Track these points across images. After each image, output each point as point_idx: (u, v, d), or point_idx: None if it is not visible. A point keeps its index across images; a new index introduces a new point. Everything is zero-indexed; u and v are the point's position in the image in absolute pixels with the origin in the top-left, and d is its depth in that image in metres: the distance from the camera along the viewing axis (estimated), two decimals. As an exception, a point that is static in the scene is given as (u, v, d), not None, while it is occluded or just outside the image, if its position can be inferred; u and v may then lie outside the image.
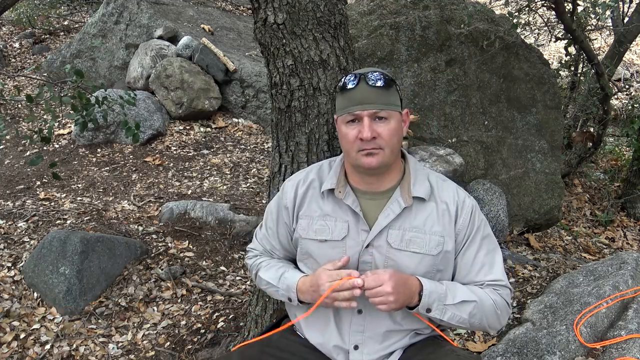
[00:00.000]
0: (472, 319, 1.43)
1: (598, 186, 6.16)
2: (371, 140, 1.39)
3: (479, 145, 3.74)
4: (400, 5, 3.81)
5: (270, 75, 2.05)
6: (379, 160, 1.41)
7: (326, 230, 1.50)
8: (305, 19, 1.94)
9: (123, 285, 2.96)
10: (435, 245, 1.45)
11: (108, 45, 6.37)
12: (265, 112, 5.52)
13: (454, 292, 1.43)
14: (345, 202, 1.49)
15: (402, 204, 1.46)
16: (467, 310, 1.42)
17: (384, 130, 1.41)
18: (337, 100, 1.49)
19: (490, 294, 1.47)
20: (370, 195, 1.50)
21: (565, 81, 5.34)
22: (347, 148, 1.46)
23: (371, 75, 1.42)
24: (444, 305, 1.41)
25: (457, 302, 1.41)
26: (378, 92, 1.41)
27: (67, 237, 2.86)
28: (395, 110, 1.44)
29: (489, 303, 1.45)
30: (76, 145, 4.87)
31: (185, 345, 2.59)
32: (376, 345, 1.48)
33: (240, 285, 3.04)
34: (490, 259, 1.49)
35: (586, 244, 4.84)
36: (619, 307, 2.37)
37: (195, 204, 3.69)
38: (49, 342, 2.57)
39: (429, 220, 1.47)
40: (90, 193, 4.00)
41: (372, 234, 1.46)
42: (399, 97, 1.48)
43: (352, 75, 1.44)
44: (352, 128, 1.42)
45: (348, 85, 1.43)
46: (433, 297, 1.40)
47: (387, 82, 1.42)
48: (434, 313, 1.40)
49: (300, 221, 1.54)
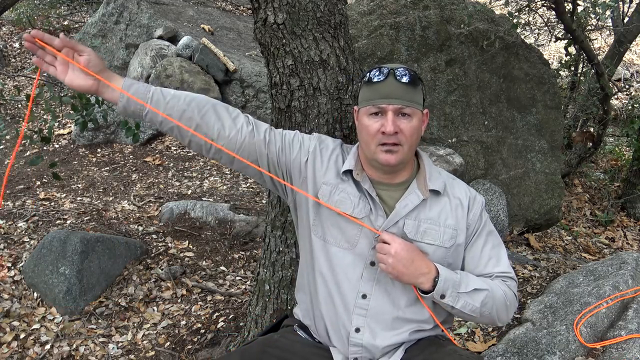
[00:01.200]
0: (483, 307, 1.44)
1: (598, 186, 6.16)
2: (393, 135, 1.40)
3: (479, 145, 3.74)
4: (400, 5, 3.82)
5: (270, 75, 2.05)
6: (398, 158, 1.43)
7: (347, 202, 1.49)
8: (305, 19, 1.93)
9: (123, 285, 2.96)
10: (449, 238, 1.48)
11: (108, 45, 6.37)
12: (266, 112, 5.52)
13: (467, 280, 1.44)
14: (363, 186, 1.49)
15: (421, 196, 1.48)
16: (479, 298, 1.43)
17: (406, 127, 1.41)
18: (361, 91, 1.49)
19: (500, 285, 1.49)
20: (384, 185, 1.51)
21: (566, 81, 5.33)
22: (367, 140, 1.46)
23: (400, 70, 1.43)
24: (457, 293, 1.41)
25: (470, 290, 1.42)
26: (404, 88, 1.42)
27: (67, 237, 2.86)
28: (418, 109, 1.45)
29: (499, 294, 1.47)
30: (76, 145, 4.87)
31: (185, 345, 2.59)
32: (377, 331, 1.47)
33: (240, 285, 3.04)
34: (496, 252, 1.52)
35: (586, 244, 4.84)
36: (619, 307, 2.37)
37: (195, 204, 3.69)
38: (49, 342, 2.57)
39: (442, 213, 1.49)
40: (90, 193, 4.00)
41: (389, 221, 1.46)
42: (423, 96, 1.49)
43: (381, 69, 1.44)
44: (375, 121, 1.43)
45: (375, 78, 1.44)
46: (448, 283, 1.41)
47: (414, 79, 1.43)
48: (448, 300, 1.41)
49: (323, 186, 1.52)
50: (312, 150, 1.56)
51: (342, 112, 2.01)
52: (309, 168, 1.55)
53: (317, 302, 1.54)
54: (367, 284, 1.47)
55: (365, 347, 1.48)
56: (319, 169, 1.54)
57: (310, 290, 1.57)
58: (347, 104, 2.01)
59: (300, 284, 1.64)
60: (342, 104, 2.00)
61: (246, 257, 3.31)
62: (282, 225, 2.12)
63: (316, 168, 1.54)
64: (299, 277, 1.66)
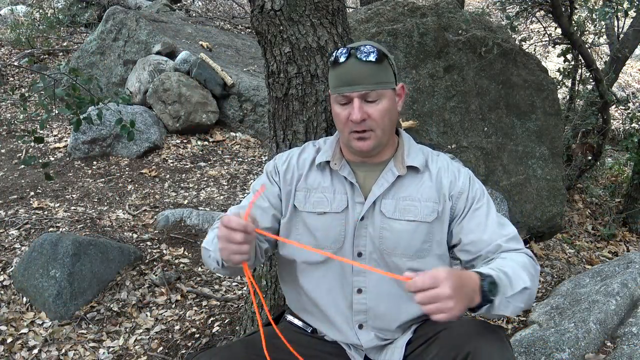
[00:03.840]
0: (528, 303, 1.29)
1: (599, 202, 6.11)
2: (361, 122, 1.37)
3: (479, 151, 3.70)
4: (397, 13, 3.82)
5: (267, 64, 2.01)
6: (371, 144, 1.40)
7: (324, 201, 1.45)
8: (303, 5, 1.91)
9: (115, 291, 2.86)
10: (430, 212, 1.42)
11: (106, 62, 6.38)
12: (263, 125, 5.49)
13: (509, 278, 1.25)
14: (342, 174, 1.45)
15: (396, 173, 1.43)
16: (524, 297, 1.27)
17: (374, 112, 1.37)
18: (329, 75, 1.45)
19: (524, 260, 1.33)
20: (366, 167, 1.47)
21: (565, 90, 5.33)
22: (340, 128, 1.43)
23: (363, 48, 1.37)
24: (506, 299, 1.22)
25: (518, 291, 1.24)
26: (369, 69, 1.36)
27: (58, 240, 2.79)
28: (387, 89, 1.39)
29: (532, 275, 1.30)
30: (72, 158, 4.82)
31: (179, 350, 2.49)
32: (381, 324, 1.44)
33: (236, 290, 2.95)
34: (500, 218, 1.44)
35: (589, 257, 4.76)
36: (629, 304, 2.29)
37: (191, 212, 3.62)
38: (37, 347, 2.48)
39: (422, 189, 1.44)
40: (85, 203, 3.93)
41: (366, 205, 1.42)
42: (393, 71, 1.43)
43: (343, 49, 1.39)
44: (343, 109, 1.39)
45: (339, 58, 1.38)
46: (497, 290, 1.21)
47: (379, 56, 1.37)
48: (498, 310, 1.22)
49: (297, 194, 1.49)
50: (278, 178, 1.53)
51: (341, 99, 1.97)
52: (282, 190, 1.51)
53: (307, 294, 1.51)
54: (359, 279, 1.44)
55: (369, 312, 1.44)
56: (289, 182, 1.50)
57: (297, 284, 1.53)
58: (346, 91, 1.98)
59: (282, 276, 1.61)
60: (340, 91, 1.97)
61: (243, 264, 3.22)
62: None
63: (287, 183, 1.51)
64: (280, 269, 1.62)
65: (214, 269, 1.45)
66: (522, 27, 4.50)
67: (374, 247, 1.43)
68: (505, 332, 1.33)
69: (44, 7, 9.40)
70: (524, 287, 1.25)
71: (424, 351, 1.35)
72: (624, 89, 10.05)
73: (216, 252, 1.33)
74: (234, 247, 1.21)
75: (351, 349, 1.49)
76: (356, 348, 1.49)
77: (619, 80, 7.93)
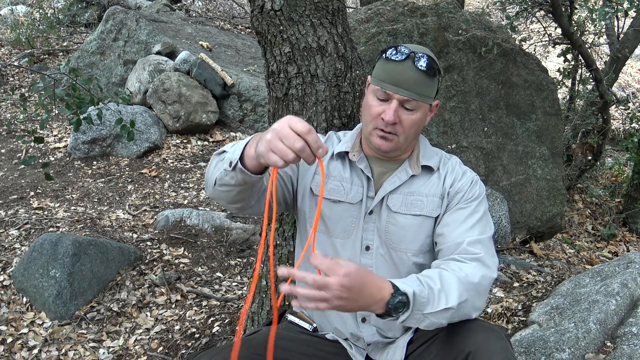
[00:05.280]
0: (453, 319, 1.27)
1: (599, 202, 6.11)
2: (391, 124, 1.38)
3: (479, 151, 3.70)
4: (397, 13, 3.82)
5: (267, 64, 2.01)
6: (391, 146, 1.42)
7: (341, 190, 1.47)
8: (303, 5, 1.91)
9: (115, 291, 2.86)
10: (436, 207, 1.44)
11: (106, 62, 6.37)
12: (263, 125, 5.49)
13: (433, 295, 1.23)
14: (359, 166, 1.48)
15: (410, 172, 1.46)
16: (445, 316, 1.24)
17: (406, 119, 1.39)
18: (377, 65, 1.44)
19: (468, 271, 1.29)
20: (382, 163, 1.50)
21: (565, 90, 5.33)
22: (367, 119, 1.44)
23: (422, 56, 1.36)
24: (423, 314, 1.21)
25: (438, 310, 1.23)
26: (419, 78, 1.36)
27: (58, 240, 2.78)
28: (426, 102, 1.41)
29: (471, 287, 1.28)
30: (72, 158, 4.82)
31: (179, 350, 2.49)
32: (383, 320, 1.42)
33: (236, 290, 2.96)
34: (483, 223, 1.40)
35: (589, 257, 4.76)
36: (629, 304, 2.29)
37: (191, 212, 3.62)
38: (37, 347, 2.47)
39: (430, 185, 1.47)
40: (85, 203, 3.93)
41: (376, 199, 1.45)
42: (437, 88, 1.45)
43: (404, 48, 1.38)
44: (378, 104, 1.40)
45: (395, 57, 1.37)
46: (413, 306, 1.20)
47: (432, 68, 1.37)
48: (409, 323, 1.23)
49: (316, 176, 1.50)
50: None
51: (341, 99, 1.97)
52: (300, 167, 1.53)
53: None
54: None
55: None
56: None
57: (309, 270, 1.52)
58: (346, 91, 1.98)
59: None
60: (340, 92, 1.97)
61: (243, 264, 3.23)
62: (279, 218, 2.05)
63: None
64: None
65: (218, 174, 1.26)
66: (522, 27, 4.49)
67: (381, 241, 1.45)
68: (506, 332, 1.34)
69: (44, 7, 9.40)
70: (446, 308, 1.22)
71: (425, 351, 1.35)
72: (624, 89, 10.06)
73: (236, 151, 1.20)
74: (282, 146, 1.07)
75: (352, 348, 1.49)
76: (357, 347, 1.49)
77: (619, 80, 7.96)
